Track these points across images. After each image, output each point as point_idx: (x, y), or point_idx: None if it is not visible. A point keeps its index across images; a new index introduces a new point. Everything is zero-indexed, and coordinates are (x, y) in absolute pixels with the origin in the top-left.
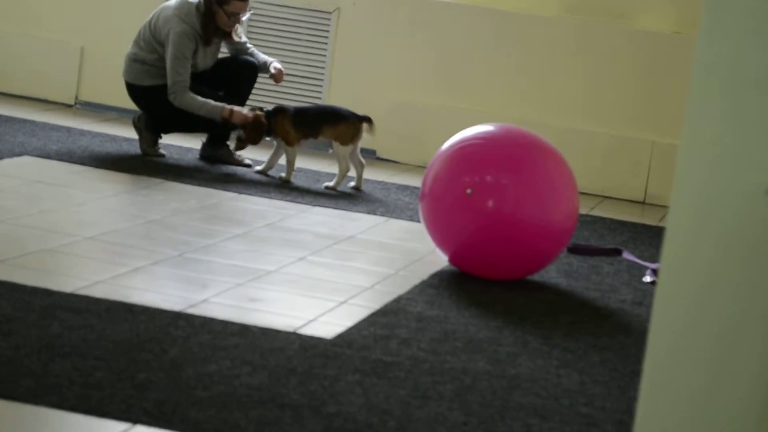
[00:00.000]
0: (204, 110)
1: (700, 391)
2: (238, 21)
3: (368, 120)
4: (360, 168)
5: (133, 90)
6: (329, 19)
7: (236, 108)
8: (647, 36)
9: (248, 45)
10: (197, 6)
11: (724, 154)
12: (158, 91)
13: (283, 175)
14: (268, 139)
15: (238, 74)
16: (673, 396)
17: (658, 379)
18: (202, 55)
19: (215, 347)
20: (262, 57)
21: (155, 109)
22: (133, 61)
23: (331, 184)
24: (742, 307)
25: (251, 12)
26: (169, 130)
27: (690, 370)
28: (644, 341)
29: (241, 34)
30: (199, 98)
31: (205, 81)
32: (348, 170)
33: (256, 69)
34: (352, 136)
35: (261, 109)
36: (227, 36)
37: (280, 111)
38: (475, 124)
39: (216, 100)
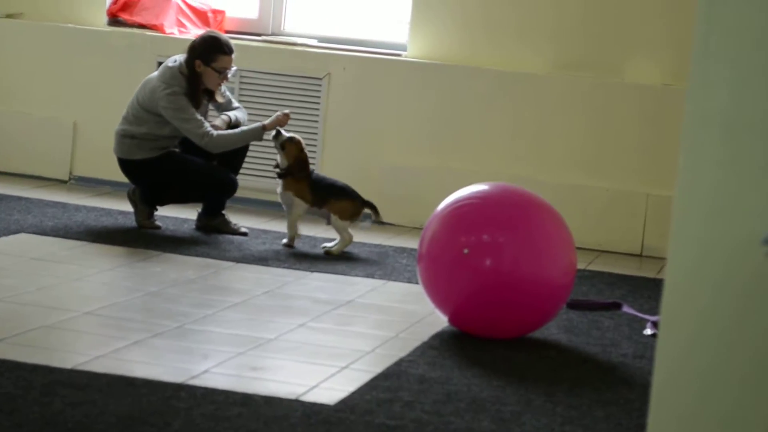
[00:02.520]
0: (243, 140)
1: None
2: (226, 77)
3: (372, 206)
4: (347, 240)
5: (125, 165)
6: (320, 85)
7: (267, 121)
8: (638, 90)
9: (233, 100)
10: (179, 69)
11: (720, 203)
12: (149, 164)
13: (285, 240)
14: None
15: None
16: None
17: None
18: None
19: (218, 418)
20: (236, 114)
21: (148, 182)
22: (123, 136)
23: (329, 245)
24: (741, 353)
25: (236, 68)
26: (164, 202)
27: (695, 422)
28: (647, 394)
29: (225, 92)
30: (231, 132)
31: (197, 149)
32: (350, 241)
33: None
34: (351, 215)
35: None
36: (213, 97)
37: (301, 171)
38: (469, 183)
39: (209, 168)
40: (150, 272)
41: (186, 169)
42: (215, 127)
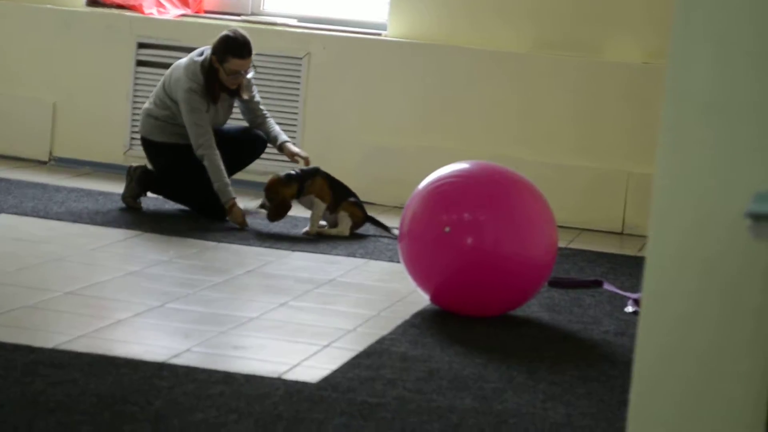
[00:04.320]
0: (216, 184)
1: (686, 418)
2: (241, 79)
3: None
4: (335, 226)
5: (145, 143)
6: (300, 65)
7: (239, 206)
8: (620, 67)
9: (262, 107)
10: (202, 63)
11: (700, 180)
12: (166, 149)
13: (308, 228)
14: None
15: (242, 151)
16: (660, 424)
17: (645, 409)
18: (213, 112)
19: (200, 396)
20: (275, 130)
21: (161, 167)
22: (147, 116)
23: (306, 229)
24: (725, 333)
25: (254, 70)
26: (160, 192)
27: (676, 398)
28: (629, 371)
29: (254, 93)
30: (223, 170)
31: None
32: (320, 218)
33: (262, 149)
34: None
35: (291, 174)
36: (236, 93)
37: (317, 173)
38: (451, 162)
39: (207, 194)
40: (131, 252)
41: (190, 179)
42: (296, 155)
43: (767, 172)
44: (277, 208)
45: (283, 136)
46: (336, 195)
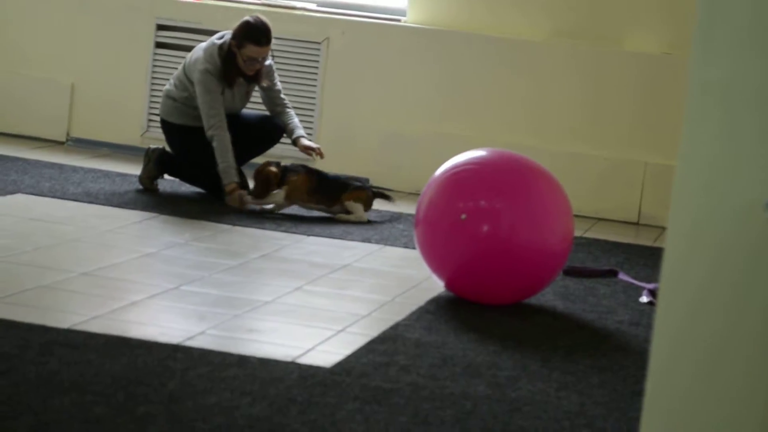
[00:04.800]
0: (221, 165)
1: (701, 408)
2: (259, 65)
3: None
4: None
5: (163, 125)
6: (319, 50)
7: (239, 192)
8: (637, 58)
9: (283, 96)
10: (221, 46)
11: (721, 172)
12: (184, 132)
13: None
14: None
15: (258, 138)
16: (675, 416)
17: (660, 400)
18: (229, 96)
19: (214, 379)
20: (294, 122)
21: (177, 149)
22: (167, 97)
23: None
24: (740, 320)
25: (273, 57)
26: (177, 174)
27: (691, 388)
28: (643, 361)
29: (275, 80)
30: (230, 152)
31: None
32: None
33: (278, 137)
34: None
35: (278, 164)
36: (254, 79)
37: (303, 169)
38: (467, 149)
39: (212, 175)
40: (147, 234)
41: (206, 161)
42: (312, 149)
43: None
44: (261, 184)
45: (299, 131)
46: (328, 191)
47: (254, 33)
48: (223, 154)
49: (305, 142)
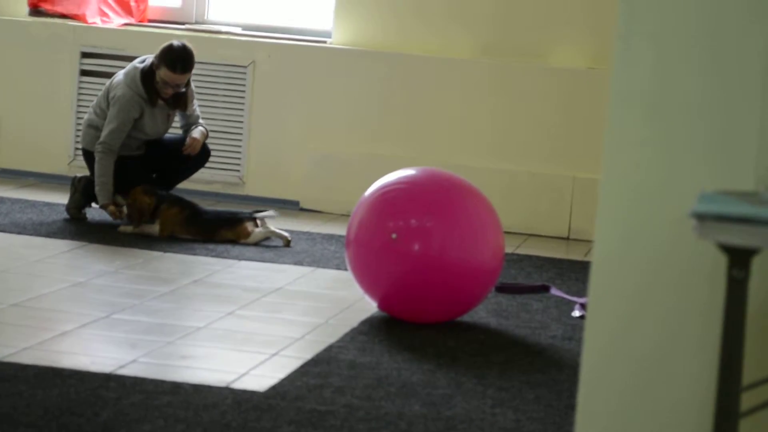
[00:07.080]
0: (98, 183)
1: (634, 421)
2: (172, 91)
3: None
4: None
5: (86, 155)
6: (245, 73)
7: (111, 209)
8: (561, 73)
9: (201, 121)
10: (142, 69)
11: (645, 180)
12: None
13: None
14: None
15: (185, 160)
16: (607, 427)
17: (592, 413)
18: (150, 119)
19: (148, 407)
20: (198, 125)
21: None
22: (89, 126)
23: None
24: (672, 332)
25: (185, 89)
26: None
27: (623, 400)
28: (576, 375)
29: (195, 107)
30: (109, 172)
31: (147, 159)
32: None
33: (205, 159)
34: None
35: (154, 191)
36: (175, 105)
37: (179, 203)
38: (396, 169)
39: (146, 182)
40: (77, 263)
41: (127, 187)
42: (192, 139)
43: (711, 172)
44: (135, 212)
45: (199, 128)
46: (205, 223)
47: (170, 58)
48: (103, 173)
49: (193, 134)
